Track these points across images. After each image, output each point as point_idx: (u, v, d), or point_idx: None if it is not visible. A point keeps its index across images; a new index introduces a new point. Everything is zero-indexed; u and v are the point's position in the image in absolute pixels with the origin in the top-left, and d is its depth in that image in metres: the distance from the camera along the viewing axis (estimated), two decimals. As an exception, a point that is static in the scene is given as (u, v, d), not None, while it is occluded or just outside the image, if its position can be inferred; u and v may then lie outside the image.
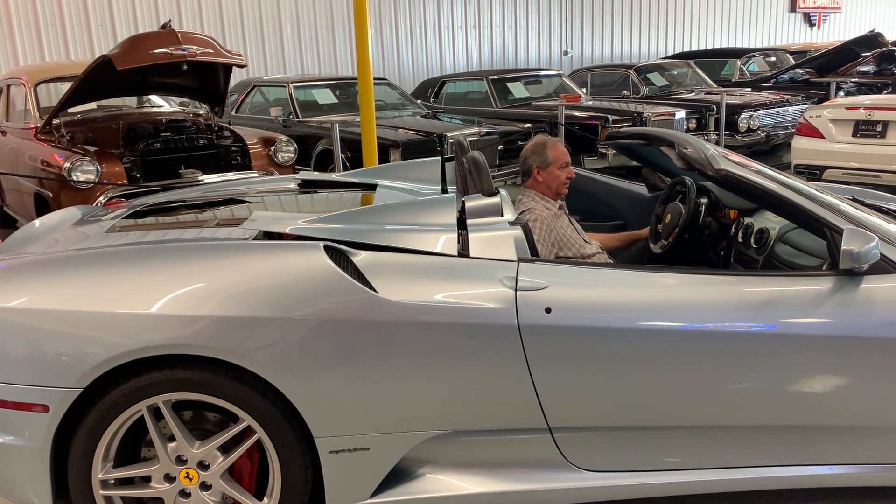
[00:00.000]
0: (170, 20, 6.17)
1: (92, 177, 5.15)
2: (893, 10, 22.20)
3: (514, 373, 2.19)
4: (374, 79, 6.47)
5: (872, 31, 10.77)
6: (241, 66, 5.72)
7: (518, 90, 9.70)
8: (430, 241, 2.32)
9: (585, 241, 3.22)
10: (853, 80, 10.56)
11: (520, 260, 2.29)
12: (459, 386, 2.19)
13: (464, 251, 2.32)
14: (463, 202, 2.68)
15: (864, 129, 6.43)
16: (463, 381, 2.18)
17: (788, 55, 12.99)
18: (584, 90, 10.61)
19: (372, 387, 2.16)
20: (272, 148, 6.04)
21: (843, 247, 2.20)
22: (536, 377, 2.20)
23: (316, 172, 3.70)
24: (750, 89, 10.70)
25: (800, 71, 11.19)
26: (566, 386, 2.22)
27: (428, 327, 2.14)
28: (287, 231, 2.40)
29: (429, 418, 2.22)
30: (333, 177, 3.59)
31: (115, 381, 2.13)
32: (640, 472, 2.35)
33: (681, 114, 8.72)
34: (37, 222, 3.07)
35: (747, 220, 3.11)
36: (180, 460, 2.23)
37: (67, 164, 5.12)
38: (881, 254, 2.27)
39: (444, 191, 3.35)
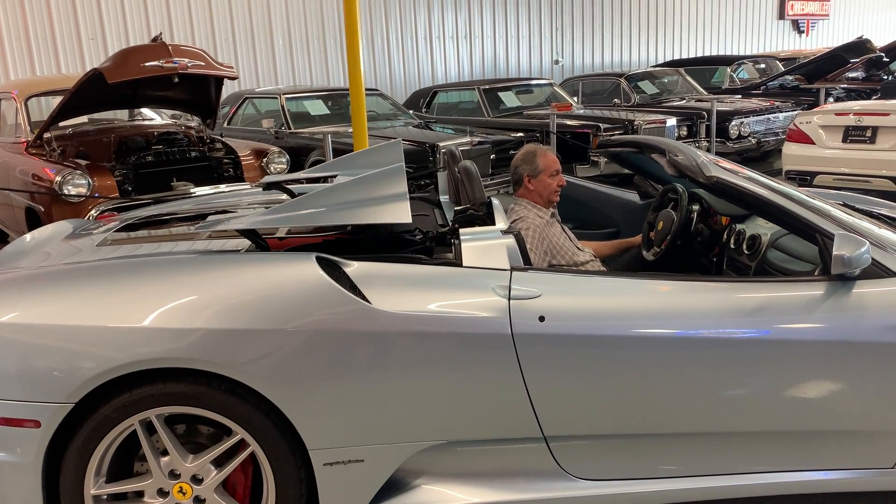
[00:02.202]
0: (160, 33, 6.17)
1: (83, 190, 5.14)
2: (880, 17, 22.39)
3: (509, 382, 2.18)
4: (366, 89, 6.47)
5: (860, 37, 10.85)
6: (233, 79, 5.73)
7: (509, 99, 9.73)
8: (383, 213, 2.30)
9: (578, 248, 3.22)
10: (842, 86, 10.63)
11: (513, 269, 2.28)
12: (454, 396, 2.18)
13: (457, 260, 2.32)
14: (455, 211, 2.68)
15: (854, 134, 6.47)
16: (457, 390, 2.18)
17: (778, 62, 13.07)
18: (575, 99, 10.65)
19: (366, 398, 2.15)
20: (264, 160, 6.03)
21: (835, 252, 2.20)
22: (531, 386, 2.19)
23: (282, 175, 3.64)
24: (740, 96, 10.76)
25: (789, 77, 11.26)
26: (561, 394, 2.21)
27: (421, 337, 2.13)
28: (233, 228, 2.39)
29: (424, 429, 2.21)
30: (300, 175, 3.55)
31: (108, 395, 2.11)
32: (635, 479, 2.34)
33: (672, 121, 8.75)
34: (27, 236, 3.05)
35: (739, 226, 3.12)
36: (173, 475, 2.21)
37: (59, 178, 5.10)
38: (872, 258, 2.27)
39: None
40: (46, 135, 5.77)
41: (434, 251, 2.51)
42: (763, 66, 12.89)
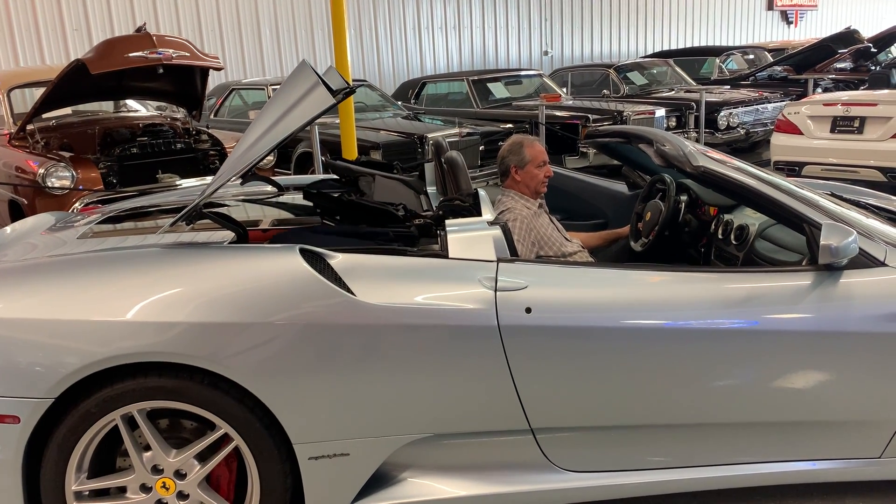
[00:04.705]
0: (145, 23, 6.10)
1: (67, 183, 5.08)
2: (868, 8, 22.45)
3: (495, 374, 2.17)
4: (354, 80, 6.43)
5: (848, 28, 10.88)
6: (218, 69, 5.67)
7: (498, 91, 9.69)
8: (307, 108, 2.30)
9: (566, 239, 3.20)
10: (830, 76, 10.65)
11: (499, 260, 2.26)
12: (440, 388, 2.16)
13: (443, 252, 2.30)
14: (441, 200, 2.66)
15: (842, 124, 6.48)
16: (443, 383, 2.16)
17: (766, 53, 13.08)
18: (564, 90, 10.62)
19: (350, 391, 2.13)
20: (251, 151, 5.97)
21: (822, 242, 2.20)
22: (517, 378, 2.18)
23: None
24: (729, 87, 10.76)
25: (778, 68, 11.28)
26: (548, 386, 2.20)
27: (406, 330, 2.11)
28: (192, 208, 2.38)
29: (409, 422, 2.19)
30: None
31: (88, 390, 2.08)
32: (623, 471, 2.34)
33: (661, 112, 8.74)
34: (8, 229, 3.01)
35: (727, 216, 3.11)
36: (156, 470, 2.18)
37: (42, 171, 5.05)
38: (860, 248, 2.27)
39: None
40: (30, 126, 5.70)
41: (420, 242, 2.49)
42: (752, 56, 12.90)
